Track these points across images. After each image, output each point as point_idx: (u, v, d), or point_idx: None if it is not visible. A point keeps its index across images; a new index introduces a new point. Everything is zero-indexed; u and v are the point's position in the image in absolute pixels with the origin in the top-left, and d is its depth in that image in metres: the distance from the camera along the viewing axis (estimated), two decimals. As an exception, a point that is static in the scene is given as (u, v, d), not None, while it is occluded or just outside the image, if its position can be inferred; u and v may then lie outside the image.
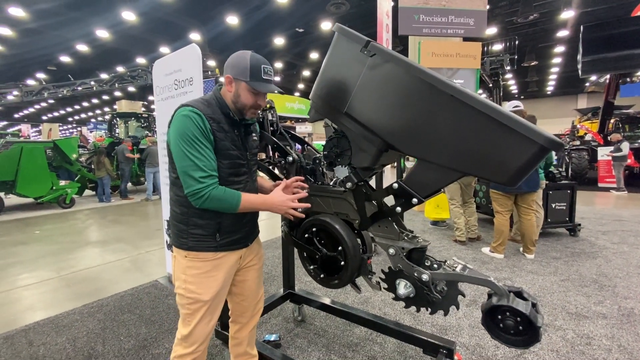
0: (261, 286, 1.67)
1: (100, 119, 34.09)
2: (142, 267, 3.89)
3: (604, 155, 9.80)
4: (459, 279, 1.26)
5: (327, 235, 1.49)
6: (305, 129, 20.04)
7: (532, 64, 18.13)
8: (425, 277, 1.26)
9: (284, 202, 1.34)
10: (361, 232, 1.49)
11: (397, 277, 1.34)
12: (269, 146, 1.74)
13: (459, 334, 2.34)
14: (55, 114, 35.94)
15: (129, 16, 11.57)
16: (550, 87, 26.24)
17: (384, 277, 1.39)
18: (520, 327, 1.12)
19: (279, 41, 14.99)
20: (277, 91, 1.36)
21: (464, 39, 6.70)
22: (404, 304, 1.38)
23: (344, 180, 1.43)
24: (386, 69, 1.17)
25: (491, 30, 13.53)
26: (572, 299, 2.84)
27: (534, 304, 1.13)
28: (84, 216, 7.16)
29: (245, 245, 1.47)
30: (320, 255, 1.51)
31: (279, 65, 19.02)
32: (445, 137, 1.07)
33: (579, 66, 10.47)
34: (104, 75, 16.29)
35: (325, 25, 13.21)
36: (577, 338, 2.27)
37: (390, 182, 1.28)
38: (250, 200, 1.30)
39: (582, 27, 10.39)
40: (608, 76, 11.35)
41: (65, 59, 16.63)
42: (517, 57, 13.43)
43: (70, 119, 39.98)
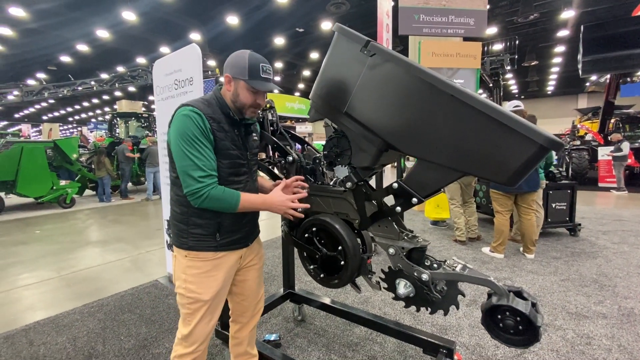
0: (262, 286, 1.67)
1: (100, 118, 34.09)
2: (143, 267, 3.90)
3: (605, 155, 9.80)
4: (459, 279, 1.26)
5: (327, 235, 1.49)
6: (306, 128, 20.03)
7: (533, 63, 18.12)
8: (425, 277, 1.26)
9: (283, 202, 1.33)
10: (361, 231, 1.49)
11: (397, 277, 1.34)
12: (269, 146, 1.74)
13: (459, 333, 2.34)
14: (56, 114, 35.97)
15: (129, 16, 11.57)
16: (550, 87, 26.23)
17: (384, 276, 1.39)
18: (520, 327, 1.12)
19: (279, 41, 15.00)
20: (276, 90, 1.36)
21: (464, 38, 6.69)
22: (403, 303, 1.38)
23: (344, 180, 1.43)
24: (386, 68, 1.17)
25: (491, 30, 13.52)
26: (572, 298, 2.84)
27: (533, 304, 1.13)
28: (84, 216, 7.17)
29: (246, 245, 1.47)
30: (320, 255, 1.51)
31: (279, 65, 19.02)
32: (445, 136, 1.07)
33: (579, 66, 10.47)
34: (104, 75, 16.30)
35: (326, 25, 13.21)
36: (577, 338, 2.27)
37: (390, 181, 1.28)
38: (250, 200, 1.30)
39: (582, 26, 10.39)
40: (608, 76, 11.34)
41: (65, 58, 16.65)
42: (517, 56, 13.41)
43: (70, 119, 40.00)
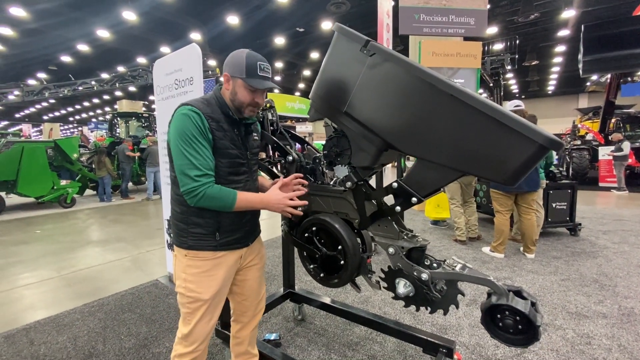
0: (263, 286, 1.67)
1: (101, 118, 34.09)
2: (143, 267, 3.90)
3: (605, 154, 9.79)
4: (459, 278, 1.26)
5: (327, 234, 1.49)
6: (306, 128, 20.03)
7: (533, 63, 18.11)
8: (424, 276, 1.26)
9: (280, 200, 1.33)
10: (361, 231, 1.49)
11: (397, 276, 1.34)
12: (269, 145, 1.74)
13: (458, 333, 2.34)
14: (56, 114, 35.99)
15: (129, 16, 11.57)
16: (551, 87, 26.20)
17: (384, 276, 1.39)
18: (520, 326, 1.12)
19: (280, 41, 15.00)
20: (276, 90, 1.36)
21: (465, 38, 6.69)
22: (403, 303, 1.38)
23: (343, 180, 1.43)
24: (385, 68, 1.17)
25: (492, 30, 13.50)
26: (573, 298, 2.84)
27: (533, 303, 1.14)
28: (84, 216, 7.17)
29: (246, 244, 1.47)
30: (320, 254, 1.51)
31: (279, 64, 19.02)
32: (444, 136, 1.07)
33: (580, 66, 10.47)
34: (104, 75, 16.33)
35: (326, 25, 13.20)
36: (577, 337, 2.27)
37: (390, 181, 1.28)
38: (247, 199, 1.30)
39: (583, 26, 10.39)
40: (609, 76, 11.34)
41: (66, 58, 16.65)
42: (517, 56, 13.42)
43: (71, 119, 40.02)
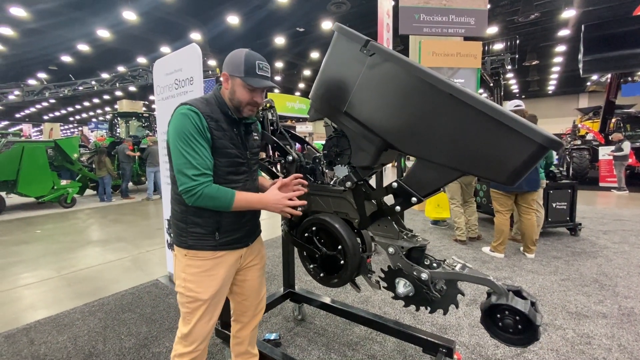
0: (263, 286, 1.67)
1: (101, 118, 34.14)
2: (143, 267, 3.90)
3: (605, 154, 9.78)
4: (458, 278, 1.26)
5: (326, 234, 1.49)
6: (306, 128, 20.01)
7: (533, 63, 18.11)
8: (424, 276, 1.26)
9: (279, 200, 1.32)
10: (361, 231, 1.49)
11: (397, 276, 1.34)
12: (269, 145, 1.74)
13: (458, 333, 2.35)
14: (57, 114, 36.01)
15: (129, 16, 11.57)
16: (551, 87, 26.19)
17: (384, 276, 1.39)
18: (519, 326, 1.12)
19: (280, 41, 15.00)
20: (277, 90, 1.36)
21: (465, 38, 6.69)
22: (403, 302, 1.38)
23: (343, 180, 1.43)
24: (385, 68, 1.17)
25: (492, 30, 13.50)
26: (573, 298, 2.84)
27: (532, 303, 1.14)
28: (85, 215, 7.18)
29: (246, 244, 1.47)
30: (320, 254, 1.51)
31: (279, 64, 19.02)
32: (444, 136, 1.07)
33: (580, 65, 10.45)
34: (104, 75, 16.34)
35: (326, 25, 13.20)
36: (577, 337, 2.27)
37: (390, 181, 1.28)
38: (245, 199, 1.29)
39: (583, 26, 10.38)
40: (609, 75, 11.33)
41: (66, 58, 16.65)
42: (518, 56, 13.42)
43: (71, 119, 40.05)
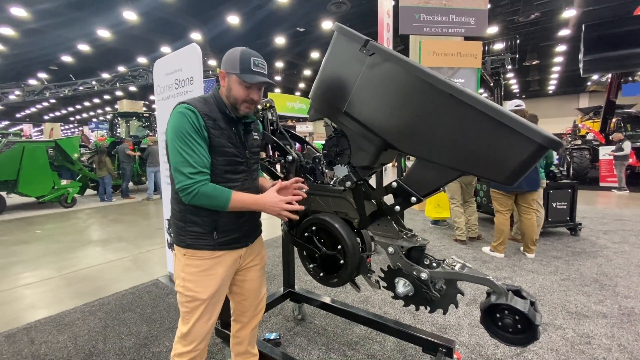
0: (263, 286, 1.67)
1: (101, 118, 34.18)
2: (143, 266, 3.91)
3: (606, 154, 9.78)
4: (458, 278, 1.26)
5: (326, 234, 1.49)
6: (307, 128, 20.02)
7: (534, 63, 18.10)
8: (424, 276, 1.26)
9: (276, 202, 1.30)
10: (360, 230, 1.49)
11: (396, 276, 1.35)
12: (269, 145, 1.75)
13: (458, 332, 2.35)
14: (57, 114, 36.03)
15: (130, 16, 11.58)
16: (551, 87, 26.18)
17: (383, 275, 1.39)
18: (519, 326, 1.12)
19: (280, 40, 15.00)
20: (269, 83, 1.34)
21: (465, 38, 6.68)
22: (403, 302, 1.39)
23: (343, 179, 1.43)
24: (385, 68, 1.17)
25: (492, 30, 13.50)
26: (573, 298, 2.84)
27: (532, 303, 1.14)
28: (85, 215, 7.18)
29: (245, 244, 1.47)
30: (320, 253, 1.51)
31: (279, 64, 19.02)
32: (443, 136, 1.07)
33: (581, 65, 10.44)
34: (105, 75, 16.36)
35: (326, 25, 13.20)
36: (577, 337, 2.27)
37: (390, 181, 1.28)
38: (242, 199, 1.29)
39: (583, 26, 10.37)
40: (610, 75, 11.32)
41: (66, 58, 16.66)
42: (518, 56, 13.40)
43: (71, 119, 40.07)
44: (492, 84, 13.61)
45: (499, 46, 14.54)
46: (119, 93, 24.29)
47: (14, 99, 15.79)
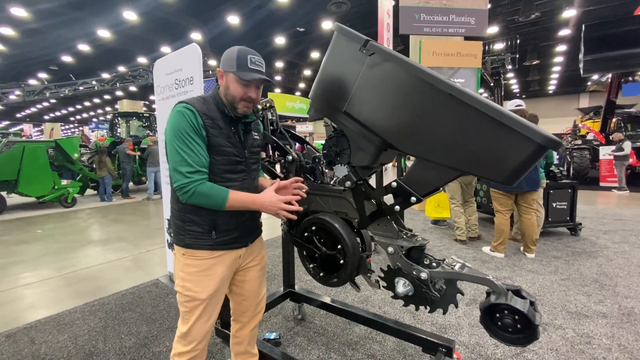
0: (263, 286, 1.66)
1: (101, 118, 34.17)
2: (143, 266, 3.91)
3: (606, 154, 9.77)
4: (458, 277, 1.26)
5: (326, 233, 1.49)
6: (307, 128, 20.05)
7: (534, 63, 18.09)
8: (423, 276, 1.26)
9: (274, 202, 1.29)
10: (360, 230, 1.49)
11: (396, 276, 1.35)
12: (269, 145, 1.75)
13: (458, 332, 2.35)
14: (57, 114, 36.05)
15: (130, 16, 11.58)
16: (552, 86, 26.17)
17: (383, 275, 1.39)
18: (519, 326, 1.12)
19: (280, 40, 15.00)
20: (266, 80, 1.33)
21: (465, 38, 6.68)
22: (403, 302, 1.39)
23: (343, 179, 1.43)
24: (385, 67, 1.17)
25: (492, 29, 13.49)
26: (573, 298, 2.84)
27: (532, 302, 1.14)
28: (85, 215, 7.18)
29: (245, 244, 1.47)
30: (320, 253, 1.51)
31: (279, 64, 19.02)
32: (443, 135, 1.07)
33: (581, 65, 10.44)
34: (105, 75, 16.36)
35: (326, 25, 13.20)
36: (577, 337, 2.27)
37: (390, 180, 1.28)
38: (240, 199, 1.28)
39: (583, 25, 10.37)
40: (610, 75, 11.32)
41: (66, 58, 16.67)
42: (518, 56, 13.37)
43: (72, 119, 40.08)
44: (492, 84, 13.59)
45: (499, 46, 14.52)
46: (119, 93, 24.29)
47: (14, 99, 15.79)
